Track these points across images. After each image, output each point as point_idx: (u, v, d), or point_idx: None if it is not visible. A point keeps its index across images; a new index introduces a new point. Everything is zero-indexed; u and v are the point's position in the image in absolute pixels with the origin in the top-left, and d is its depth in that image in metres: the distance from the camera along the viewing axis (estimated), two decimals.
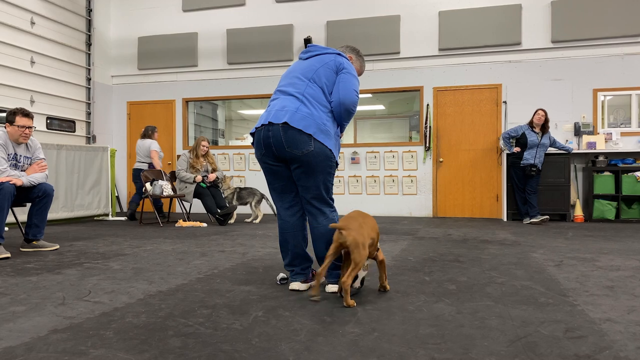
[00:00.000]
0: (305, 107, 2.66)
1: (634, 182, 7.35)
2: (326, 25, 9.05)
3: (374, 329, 2.11)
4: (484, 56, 8.42)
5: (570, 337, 2.00)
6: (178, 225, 6.79)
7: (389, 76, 8.83)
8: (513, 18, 8.21)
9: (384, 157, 8.92)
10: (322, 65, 2.75)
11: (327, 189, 2.71)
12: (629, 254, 4.19)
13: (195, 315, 2.29)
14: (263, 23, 9.37)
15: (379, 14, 8.82)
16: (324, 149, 2.63)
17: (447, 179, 8.62)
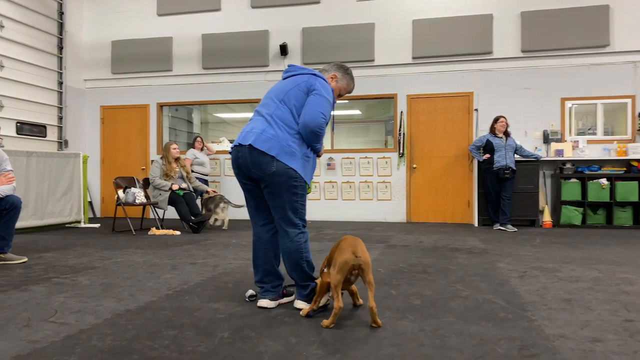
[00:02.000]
0: (271, 128, 2.70)
1: (599, 189, 7.58)
2: (302, 31, 9.10)
3: (338, 350, 2.16)
4: (456, 65, 8.58)
5: (524, 356, 2.09)
6: (151, 234, 6.75)
7: (364, 83, 8.92)
8: (484, 28, 8.38)
9: (359, 163, 9.00)
10: (294, 87, 2.78)
11: (294, 210, 2.74)
12: (590, 263, 4.34)
13: (161, 337, 2.31)
14: (238, 28, 9.36)
15: (354, 21, 8.90)
16: (288, 169, 2.66)
17: (421, 184, 8.75)
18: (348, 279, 2.56)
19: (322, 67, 3.06)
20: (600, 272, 3.95)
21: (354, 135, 13.29)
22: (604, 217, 7.76)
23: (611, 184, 7.58)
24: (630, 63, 7.95)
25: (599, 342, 2.26)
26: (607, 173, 7.65)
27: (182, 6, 9.60)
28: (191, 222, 6.91)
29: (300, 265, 2.75)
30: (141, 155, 9.90)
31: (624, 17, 7.95)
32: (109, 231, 7.19)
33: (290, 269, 2.77)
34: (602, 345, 2.23)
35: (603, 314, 2.72)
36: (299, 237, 2.74)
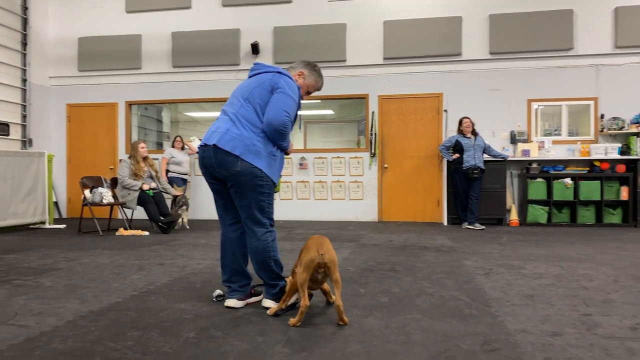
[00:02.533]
0: (235, 128, 2.68)
1: (563, 188, 7.80)
2: (273, 30, 9.07)
3: (304, 348, 2.17)
4: (427, 66, 8.69)
5: (486, 351, 2.13)
6: (119, 234, 6.63)
7: (336, 83, 8.95)
8: (454, 29, 8.51)
9: (331, 163, 9.03)
10: (258, 85, 2.77)
11: (260, 209, 2.73)
12: (553, 260, 4.46)
13: (124, 338, 2.28)
14: (209, 27, 9.28)
15: (326, 21, 8.92)
16: (252, 168, 2.65)
17: (392, 184, 8.83)
18: (316, 278, 2.57)
19: (290, 65, 3.04)
20: (562, 268, 4.06)
21: (327, 135, 13.33)
22: (568, 215, 7.98)
23: (575, 184, 7.80)
24: (593, 66, 8.20)
25: (557, 336, 2.32)
26: (572, 173, 7.87)
27: (152, 3, 9.46)
28: (160, 223, 6.81)
29: (268, 264, 2.75)
30: (109, 155, 9.70)
31: (587, 22, 8.19)
32: (75, 232, 7.03)
33: (258, 268, 2.77)
34: (560, 338, 2.29)
35: (563, 309, 2.80)
36: (266, 236, 2.74)
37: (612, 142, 8.12)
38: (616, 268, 4.07)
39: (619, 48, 8.09)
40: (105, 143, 9.71)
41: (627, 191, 7.68)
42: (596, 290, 3.28)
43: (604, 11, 8.14)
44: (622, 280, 3.59)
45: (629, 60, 8.10)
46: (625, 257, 4.62)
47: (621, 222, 7.75)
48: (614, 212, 7.79)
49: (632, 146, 7.81)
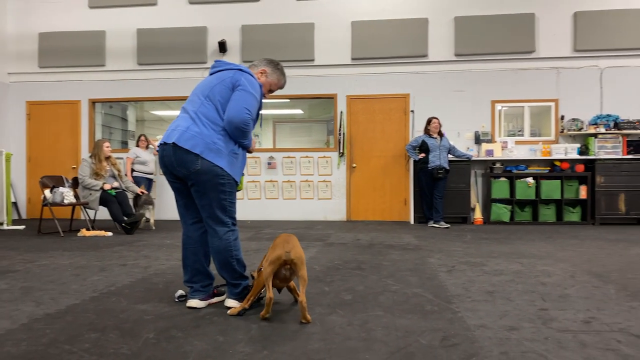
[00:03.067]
0: (195, 126, 2.65)
1: (525, 188, 8.00)
2: (241, 29, 9.01)
3: (265, 346, 2.16)
4: (394, 67, 8.78)
5: (445, 346, 2.17)
6: (81, 235, 6.47)
7: (304, 82, 8.96)
8: (420, 31, 8.63)
9: (300, 163, 9.03)
10: (219, 83, 2.74)
11: (222, 208, 2.71)
12: (514, 257, 4.57)
13: (81, 341, 2.22)
14: (176, 24, 9.15)
15: (294, 20, 8.92)
16: (213, 167, 2.62)
17: (360, 184, 8.89)
18: (283, 275, 2.57)
19: (252, 62, 3.02)
20: (522, 265, 4.17)
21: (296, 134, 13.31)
22: (530, 214, 8.19)
23: (537, 183, 8.02)
24: (554, 69, 8.45)
25: (514, 331, 2.38)
26: (533, 172, 8.09)
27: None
28: (124, 223, 6.67)
29: (230, 263, 2.72)
30: (72, 154, 9.45)
31: (548, 26, 8.43)
32: (35, 233, 6.82)
33: (220, 268, 2.74)
34: (517, 333, 2.35)
35: (521, 304, 2.88)
36: (228, 235, 2.71)
37: (572, 142, 8.38)
38: (573, 264, 4.20)
39: (578, 52, 8.36)
40: (68, 142, 9.45)
41: (586, 190, 7.94)
42: (553, 285, 3.38)
43: (564, 15, 8.40)
44: (578, 275, 3.71)
45: (587, 63, 8.38)
46: (582, 254, 4.78)
47: (580, 220, 8.01)
48: (574, 211, 8.04)
49: (590, 147, 8.08)
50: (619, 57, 8.31)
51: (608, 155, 7.92)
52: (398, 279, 3.62)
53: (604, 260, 4.39)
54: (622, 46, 8.21)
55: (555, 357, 2.04)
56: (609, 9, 8.25)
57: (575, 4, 8.38)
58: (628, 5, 8.24)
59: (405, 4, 8.72)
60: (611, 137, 7.96)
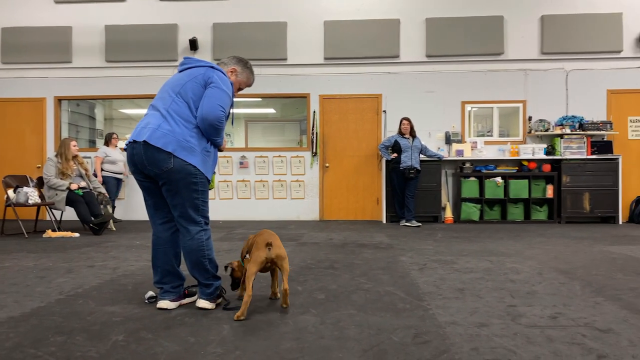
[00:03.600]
0: (167, 123, 2.60)
1: (494, 187, 8.16)
2: (212, 27, 8.91)
3: (237, 347, 2.14)
4: (366, 67, 8.83)
5: (417, 343, 2.19)
6: (46, 236, 6.29)
7: (277, 82, 8.92)
8: (392, 32, 8.70)
9: (272, 162, 8.99)
10: (191, 80, 2.69)
11: (194, 207, 2.67)
12: (484, 255, 4.65)
13: (47, 344, 2.15)
14: (145, 21, 8.98)
15: (267, 19, 8.87)
16: (186, 166, 2.58)
17: (333, 183, 8.91)
18: (265, 268, 2.72)
19: (221, 60, 2.99)
20: (492, 263, 4.25)
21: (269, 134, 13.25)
22: (499, 212, 8.36)
23: (505, 182, 8.18)
24: (522, 71, 8.64)
25: (484, 327, 2.42)
26: (502, 172, 8.25)
27: None
28: (91, 224, 6.51)
29: (202, 263, 2.69)
30: (37, 153, 9.18)
31: (516, 28, 8.61)
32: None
33: (192, 268, 2.70)
34: (487, 329, 2.39)
35: (491, 301, 2.93)
36: (200, 234, 2.68)
37: (539, 143, 8.59)
38: (541, 262, 4.30)
39: (545, 54, 8.57)
40: (32, 140, 9.17)
41: (552, 189, 8.14)
42: (522, 282, 3.45)
43: (531, 18, 8.60)
44: (545, 272, 3.80)
45: (553, 65, 8.59)
46: (549, 252, 4.90)
47: (547, 219, 8.21)
48: (541, 209, 8.24)
49: (556, 147, 8.30)
50: (583, 60, 8.55)
51: (573, 155, 8.14)
52: (370, 277, 3.63)
53: (570, 258, 4.51)
54: (587, 49, 8.45)
55: (524, 352, 2.08)
56: (574, 13, 8.48)
57: (542, 8, 8.59)
58: (593, 10, 8.49)
59: (378, 5, 8.77)
60: (576, 138, 8.19)
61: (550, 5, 8.58)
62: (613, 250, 4.96)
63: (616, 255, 4.67)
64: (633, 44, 8.45)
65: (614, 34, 8.41)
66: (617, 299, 2.96)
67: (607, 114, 8.49)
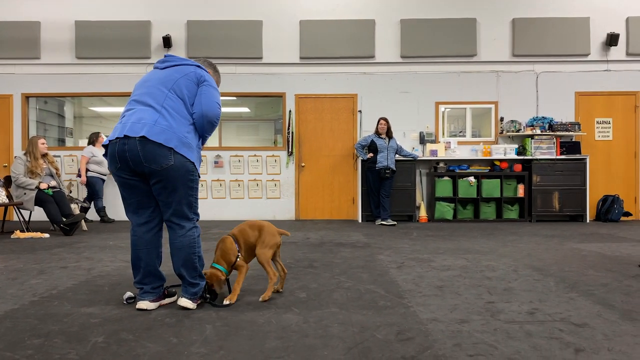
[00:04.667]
0: (163, 119, 2.56)
1: (467, 186, 8.30)
2: (187, 24, 8.80)
3: (221, 347, 2.12)
4: (342, 67, 8.87)
5: (400, 340, 2.21)
6: (14, 237, 6.09)
7: (252, 81, 8.87)
8: (367, 32, 8.76)
9: (248, 162, 8.93)
10: (183, 76, 2.69)
11: (189, 204, 2.65)
12: (460, 253, 4.73)
13: (23, 347, 2.09)
14: (118, 17, 8.80)
15: (242, 17, 8.81)
16: (186, 162, 2.57)
17: (309, 183, 8.91)
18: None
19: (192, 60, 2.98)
20: (468, 260, 4.32)
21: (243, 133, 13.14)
22: (472, 211, 8.50)
23: (478, 182, 8.34)
24: (494, 72, 8.81)
25: (465, 323, 2.46)
26: (475, 171, 8.40)
27: None
28: (62, 224, 6.35)
29: (192, 260, 2.67)
30: (3, 151, 8.89)
31: (488, 31, 8.79)
32: None
33: (181, 265, 2.66)
34: (467, 325, 2.43)
35: (469, 298, 2.98)
36: (192, 231, 2.68)
37: (510, 143, 8.78)
38: (515, 259, 4.40)
39: (516, 56, 8.76)
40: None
41: (523, 189, 8.34)
42: (498, 279, 3.52)
43: (503, 21, 8.78)
44: (520, 269, 3.89)
45: (524, 67, 8.80)
46: (522, 249, 5.01)
47: (518, 217, 8.40)
48: (512, 208, 8.42)
49: (527, 147, 8.49)
50: (553, 63, 8.78)
51: (543, 155, 8.35)
52: (350, 276, 3.65)
53: (542, 255, 4.62)
54: (556, 52, 8.68)
55: (505, 347, 2.12)
56: (544, 17, 8.70)
57: (513, 11, 8.78)
58: (562, 14, 8.73)
59: (353, 5, 8.82)
60: (546, 139, 8.40)
61: (522, 9, 8.78)
62: (583, 248, 5.11)
63: (586, 252, 4.81)
64: (600, 47, 8.72)
65: (582, 38, 8.66)
66: (590, 295, 3.06)
67: (575, 115, 8.74)
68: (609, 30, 8.69)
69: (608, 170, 8.79)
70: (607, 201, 8.40)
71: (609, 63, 8.75)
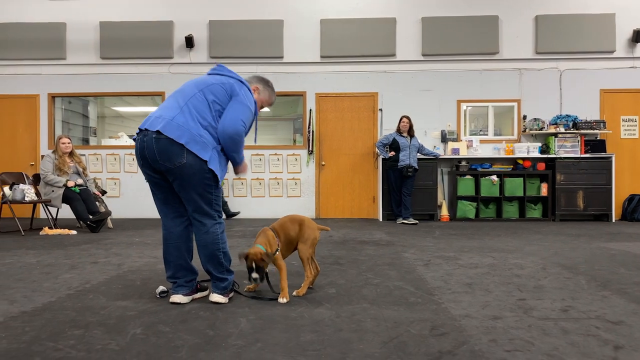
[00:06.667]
0: (182, 116, 2.59)
1: (490, 185, 8.23)
2: (209, 24, 8.88)
3: (257, 339, 2.14)
4: (362, 65, 8.86)
5: (435, 335, 2.21)
6: (43, 234, 6.22)
7: (272, 80, 8.91)
8: (388, 30, 8.74)
9: (269, 160, 8.98)
10: (218, 84, 2.71)
11: (208, 202, 2.66)
12: (485, 252, 4.70)
13: (65, 337, 2.14)
14: (141, 17, 8.92)
15: (263, 17, 8.86)
16: (199, 161, 2.56)
17: (329, 181, 8.92)
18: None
19: (246, 78, 3.01)
20: (494, 259, 4.29)
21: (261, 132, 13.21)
22: (494, 210, 8.43)
23: (500, 180, 8.26)
24: (516, 70, 8.72)
25: (498, 319, 2.45)
26: (497, 170, 8.33)
27: None
28: (89, 221, 6.46)
29: (217, 257, 2.69)
30: (30, 150, 9.07)
31: (511, 28, 8.70)
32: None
33: (206, 262, 2.69)
34: (501, 321, 2.42)
35: (500, 295, 2.96)
36: (215, 227, 2.68)
37: (534, 141, 8.67)
38: (542, 257, 4.35)
39: (539, 54, 8.66)
40: (25, 138, 9.07)
41: (547, 187, 8.24)
42: (527, 277, 3.49)
43: (526, 18, 8.69)
44: (548, 267, 3.85)
45: (547, 65, 8.69)
46: (548, 248, 4.96)
47: (541, 217, 8.30)
48: (535, 207, 8.33)
49: (551, 145, 8.39)
50: (577, 60, 8.66)
51: (567, 154, 8.24)
52: (377, 273, 3.65)
53: (570, 254, 4.57)
54: (580, 49, 8.56)
55: (541, 343, 2.11)
56: (568, 13, 8.58)
57: (536, 8, 8.68)
58: (586, 10, 8.60)
59: (374, 3, 8.81)
60: (570, 137, 8.29)
61: (545, 6, 8.67)
62: (611, 247, 5.03)
63: (615, 251, 4.74)
64: (625, 44, 8.58)
65: (607, 34, 8.52)
66: (624, 293, 3.01)
67: (600, 113, 8.61)
68: (635, 27, 8.54)
69: (634, 169, 8.63)
70: (634, 200, 8.25)
71: (635, 60, 8.59)
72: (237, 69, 8.82)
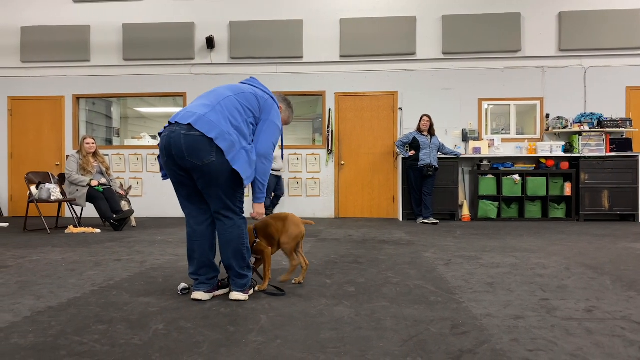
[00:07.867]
0: (214, 113, 2.62)
1: (512, 184, 8.12)
2: (229, 25, 8.95)
3: (277, 336, 2.15)
4: (382, 64, 8.83)
5: (456, 334, 2.19)
6: (68, 232, 6.35)
7: (292, 80, 8.94)
8: (408, 29, 8.69)
9: (288, 160, 9.01)
10: (251, 93, 2.79)
11: (232, 198, 2.69)
12: (507, 252, 4.64)
13: (90, 332, 2.18)
14: (162, 19, 9.04)
15: (283, 17, 8.90)
16: (226, 161, 2.57)
17: (348, 181, 8.92)
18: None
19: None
20: (516, 258, 4.23)
21: None
22: (516, 210, 8.32)
23: (523, 180, 8.14)
24: (539, 68, 8.59)
25: (520, 319, 2.42)
26: (519, 169, 8.21)
27: None
28: (112, 220, 6.57)
29: (242, 252, 2.73)
30: (55, 150, 9.28)
31: (534, 25, 8.57)
32: (20, 230, 6.68)
33: (230, 257, 2.72)
34: (523, 321, 2.39)
35: (522, 295, 2.92)
36: (240, 222, 2.73)
37: (557, 140, 8.53)
38: (566, 257, 4.28)
39: (563, 51, 8.52)
40: (51, 138, 9.27)
41: (570, 187, 8.09)
42: (550, 277, 3.44)
43: (549, 15, 8.55)
44: (572, 268, 3.78)
45: (571, 62, 8.54)
46: (572, 248, 4.87)
47: (565, 217, 8.16)
48: (559, 207, 8.19)
49: (574, 144, 8.24)
50: (601, 57, 8.49)
51: (592, 152, 8.08)
52: (397, 272, 3.64)
53: (594, 254, 4.48)
54: (605, 46, 8.39)
55: (565, 343, 2.07)
56: (592, 10, 8.42)
57: (559, 5, 8.53)
58: (610, 6, 8.43)
59: (393, 2, 8.77)
60: (595, 135, 8.13)
61: (568, 2, 8.53)
62: (638, 247, 4.92)
63: None
64: None
65: (634, 31, 8.34)
66: None
67: (626, 111, 8.42)
68: None
69: None
70: None
71: None
72: (257, 69, 8.87)
